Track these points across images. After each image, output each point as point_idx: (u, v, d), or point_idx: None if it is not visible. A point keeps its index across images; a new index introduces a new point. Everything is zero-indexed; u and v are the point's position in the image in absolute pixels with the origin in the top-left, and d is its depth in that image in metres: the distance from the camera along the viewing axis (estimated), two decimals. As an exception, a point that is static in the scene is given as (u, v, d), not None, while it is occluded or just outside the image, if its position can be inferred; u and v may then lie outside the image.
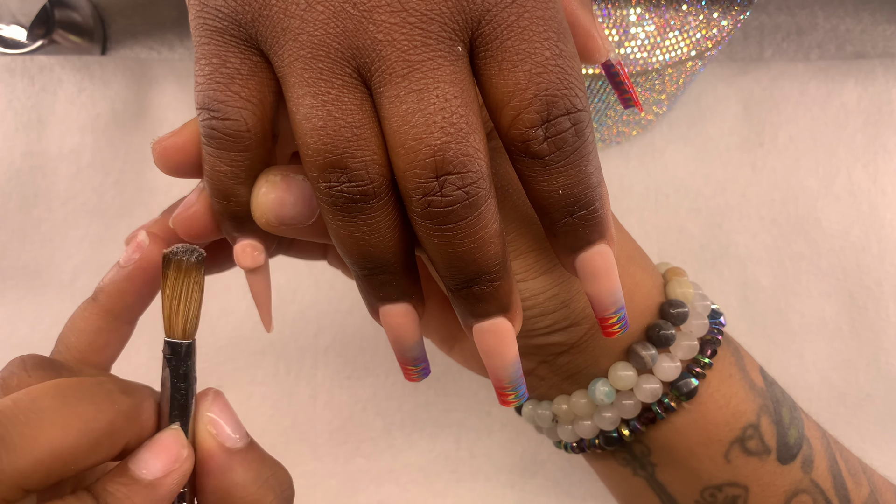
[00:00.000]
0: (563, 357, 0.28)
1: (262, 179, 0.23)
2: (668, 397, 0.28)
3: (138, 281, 0.25)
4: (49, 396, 0.20)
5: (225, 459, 0.23)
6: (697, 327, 0.28)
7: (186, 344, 0.23)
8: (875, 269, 0.44)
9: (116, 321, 0.26)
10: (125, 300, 0.25)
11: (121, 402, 0.21)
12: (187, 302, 0.23)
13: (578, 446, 0.31)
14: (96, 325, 0.25)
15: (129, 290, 0.25)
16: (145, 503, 0.21)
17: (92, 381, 0.22)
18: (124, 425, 0.21)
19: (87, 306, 0.26)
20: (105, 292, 0.25)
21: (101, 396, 0.21)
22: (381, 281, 0.23)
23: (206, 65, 0.21)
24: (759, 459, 0.28)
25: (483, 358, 0.23)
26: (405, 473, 0.43)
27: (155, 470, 0.21)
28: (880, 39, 0.50)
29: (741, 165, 0.46)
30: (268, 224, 0.23)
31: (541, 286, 0.25)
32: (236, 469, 0.23)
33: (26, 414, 0.19)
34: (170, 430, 0.22)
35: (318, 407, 0.44)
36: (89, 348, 0.25)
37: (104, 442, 0.21)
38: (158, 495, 0.21)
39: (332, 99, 0.20)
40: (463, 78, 0.20)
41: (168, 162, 0.23)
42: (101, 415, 0.21)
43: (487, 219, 0.21)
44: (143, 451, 0.22)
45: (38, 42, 0.48)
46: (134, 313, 0.26)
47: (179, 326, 0.23)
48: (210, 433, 0.23)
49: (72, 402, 0.20)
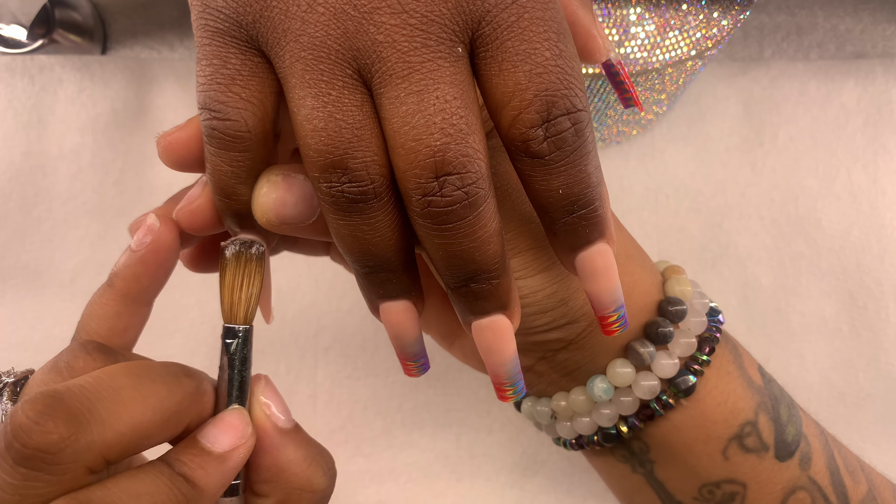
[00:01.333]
0: (561, 354, 0.28)
1: (264, 179, 0.23)
2: (667, 394, 0.28)
3: (152, 263, 0.26)
4: (125, 376, 0.21)
5: (278, 438, 0.24)
6: (696, 325, 0.29)
7: (246, 329, 0.24)
8: (875, 269, 0.44)
9: (134, 304, 0.26)
10: (140, 283, 0.26)
11: (186, 384, 0.23)
12: (249, 289, 0.24)
13: (577, 443, 0.31)
14: (115, 309, 0.26)
15: (143, 273, 0.26)
16: (216, 474, 0.22)
17: (159, 364, 0.23)
18: (190, 405, 0.23)
19: (104, 292, 0.26)
20: (120, 277, 0.26)
21: (170, 378, 0.22)
22: (381, 279, 0.23)
23: (207, 65, 0.22)
24: (756, 456, 0.29)
25: (482, 354, 0.24)
26: (405, 473, 0.43)
27: (224, 444, 0.23)
28: (880, 39, 0.50)
29: (741, 165, 0.46)
30: (269, 223, 0.23)
31: (539, 284, 0.26)
32: (288, 447, 0.24)
33: (109, 391, 0.21)
34: (235, 409, 0.24)
35: (318, 407, 0.44)
36: (110, 333, 0.26)
37: (173, 419, 0.22)
38: (226, 468, 0.22)
39: (333, 100, 0.20)
40: (463, 79, 0.20)
41: (173, 156, 0.24)
42: (172, 394, 0.22)
43: (487, 218, 0.21)
44: (212, 427, 0.23)
45: (39, 42, 0.48)
46: (150, 295, 0.27)
47: (241, 312, 0.24)
48: (265, 414, 0.24)
49: (147, 381, 0.22)
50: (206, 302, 0.44)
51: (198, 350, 0.44)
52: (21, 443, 0.19)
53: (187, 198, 0.25)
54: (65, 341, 0.26)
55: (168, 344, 0.44)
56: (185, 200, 0.25)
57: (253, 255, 0.24)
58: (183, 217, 0.25)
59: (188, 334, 0.44)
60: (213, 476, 0.22)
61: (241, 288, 0.24)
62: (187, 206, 0.25)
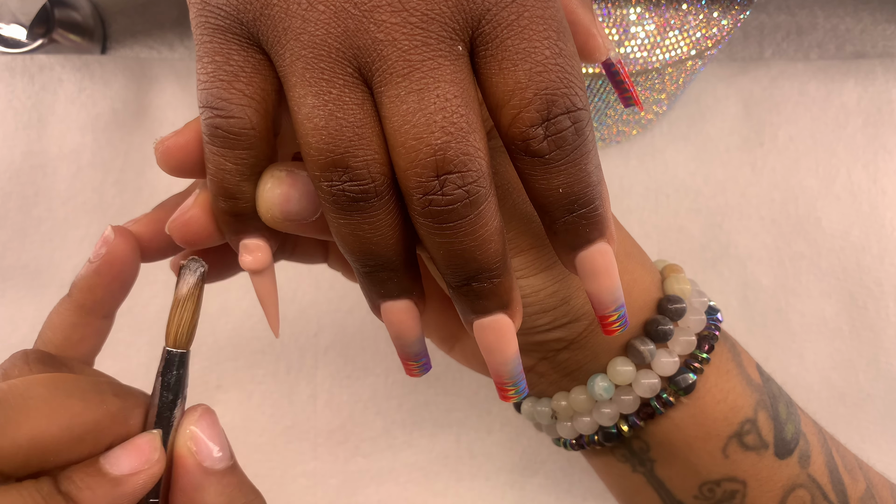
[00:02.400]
0: (562, 353, 0.28)
1: (268, 175, 0.23)
2: (667, 392, 0.28)
3: (106, 275, 0.25)
4: (41, 386, 0.21)
5: (200, 478, 0.23)
6: (695, 323, 0.29)
7: (178, 353, 0.23)
8: (875, 269, 0.44)
9: (89, 316, 0.26)
10: (95, 294, 0.25)
11: (110, 403, 0.22)
12: (181, 313, 0.23)
13: (577, 443, 0.31)
14: (70, 320, 0.25)
15: (98, 285, 0.25)
16: (104, 497, 0.21)
17: (87, 379, 0.22)
18: (110, 426, 0.21)
19: (62, 302, 0.26)
20: (77, 287, 0.26)
21: (93, 395, 0.21)
22: (382, 278, 0.23)
23: (208, 63, 0.21)
24: (756, 454, 0.29)
25: (484, 354, 0.24)
26: (405, 473, 0.43)
27: (123, 467, 0.21)
28: (880, 39, 0.50)
29: (741, 165, 0.46)
30: (273, 220, 0.23)
31: (541, 283, 0.26)
32: (209, 490, 0.23)
33: (17, 400, 0.20)
34: (147, 434, 0.22)
35: (318, 406, 0.44)
36: (65, 343, 0.25)
37: (87, 439, 0.21)
38: (119, 492, 0.21)
39: (334, 98, 0.20)
40: (463, 77, 0.20)
41: (171, 161, 0.23)
42: (88, 412, 0.21)
43: (488, 217, 0.21)
44: (117, 449, 0.22)
45: (38, 41, 0.48)
46: (107, 308, 0.26)
47: (172, 335, 0.23)
48: (189, 448, 0.23)
49: (62, 395, 0.21)
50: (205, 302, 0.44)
51: (197, 350, 0.44)
52: None
53: (180, 209, 0.24)
54: (65, 341, 0.26)
55: (167, 344, 0.44)
56: (177, 212, 0.24)
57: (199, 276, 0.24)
58: (175, 229, 0.24)
59: (188, 334, 0.44)
60: (100, 499, 0.21)
61: (177, 309, 0.23)
62: (180, 217, 0.24)
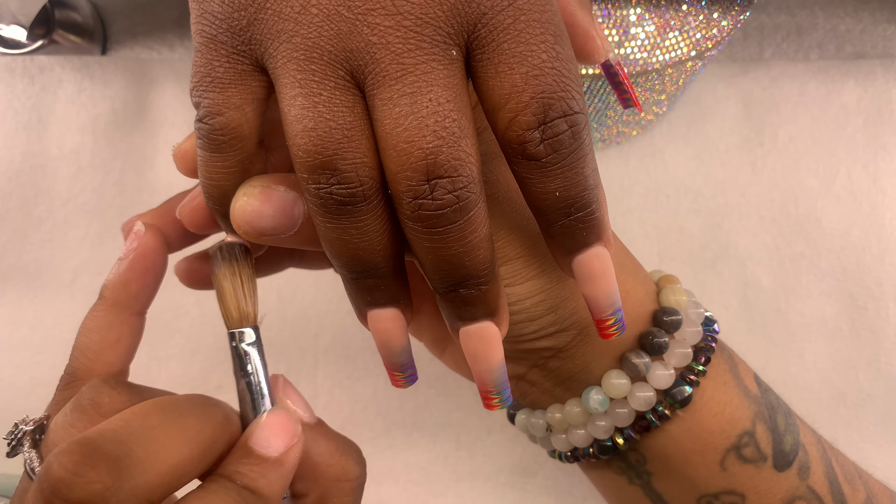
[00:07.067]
0: (553, 362, 0.28)
1: (241, 190, 0.23)
2: (663, 405, 0.28)
3: (139, 269, 0.26)
4: (156, 413, 0.21)
5: (307, 434, 0.24)
6: (691, 335, 0.28)
7: (258, 329, 0.24)
8: (875, 269, 0.43)
9: (124, 313, 0.26)
10: (129, 290, 0.26)
11: (215, 414, 0.22)
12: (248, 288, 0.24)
13: (573, 455, 0.30)
14: (106, 320, 0.25)
15: (132, 279, 0.26)
16: (277, 479, 0.22)
17: (185, 397, 0.23)
18: (221, 435, 0.22)
19: (94, 307, 0.26)
20: (109, 286, 0.26)
21: (199, 410, 0.22)
22: (369, 285, 0.23)
23: (197, 71, 0.22)
24: (755, 467, 0.28)
25: (469, 361, 0.23)
26: (405, 473, 0.43)
27: (279, 446, 0.22)
28: (880, 39, 0.49)
29: (741, 165, 0.46)
30: (246, 234, 0.23)
31: (528, 291, 0.25)
32: (319, 441, 0.24)
33: (143, 431, 0.20)
34: (278, 410, 0.23)
35: (318, 407, 0.44)
36: (101, 345, 0.25)
37: (208, 452, 0.21)
38: (285, 471, 0.22)
39: (324, 101, 0.20)
40: (457, 82, 0.20)
41: (188, 165, 0.24)
42: (205, 427, 0.22)
43: (477, 223, 0.21)
44: (261, 432, 0.23)
45: (39, 42, 0.48)
46: (141, 303, 0.26)
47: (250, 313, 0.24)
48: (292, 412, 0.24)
49: (179, 417, 0.21)
50: (205, 302, 0.44)
51: (198, 350, 0.44)
52: (63, 498, 0.18)
53: (190, 196, 0.26)
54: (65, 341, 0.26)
55: (168, 344, 0.44)
56: (188, 198, 0.25)
57: (238, 255, 0.24)
58: (185, 214, 0.25)
59: (188, 334, 0.44)
60: (275, 482, 0.22)
61: (241, 289, 0.24)
62: (189, 203, 0.25)
